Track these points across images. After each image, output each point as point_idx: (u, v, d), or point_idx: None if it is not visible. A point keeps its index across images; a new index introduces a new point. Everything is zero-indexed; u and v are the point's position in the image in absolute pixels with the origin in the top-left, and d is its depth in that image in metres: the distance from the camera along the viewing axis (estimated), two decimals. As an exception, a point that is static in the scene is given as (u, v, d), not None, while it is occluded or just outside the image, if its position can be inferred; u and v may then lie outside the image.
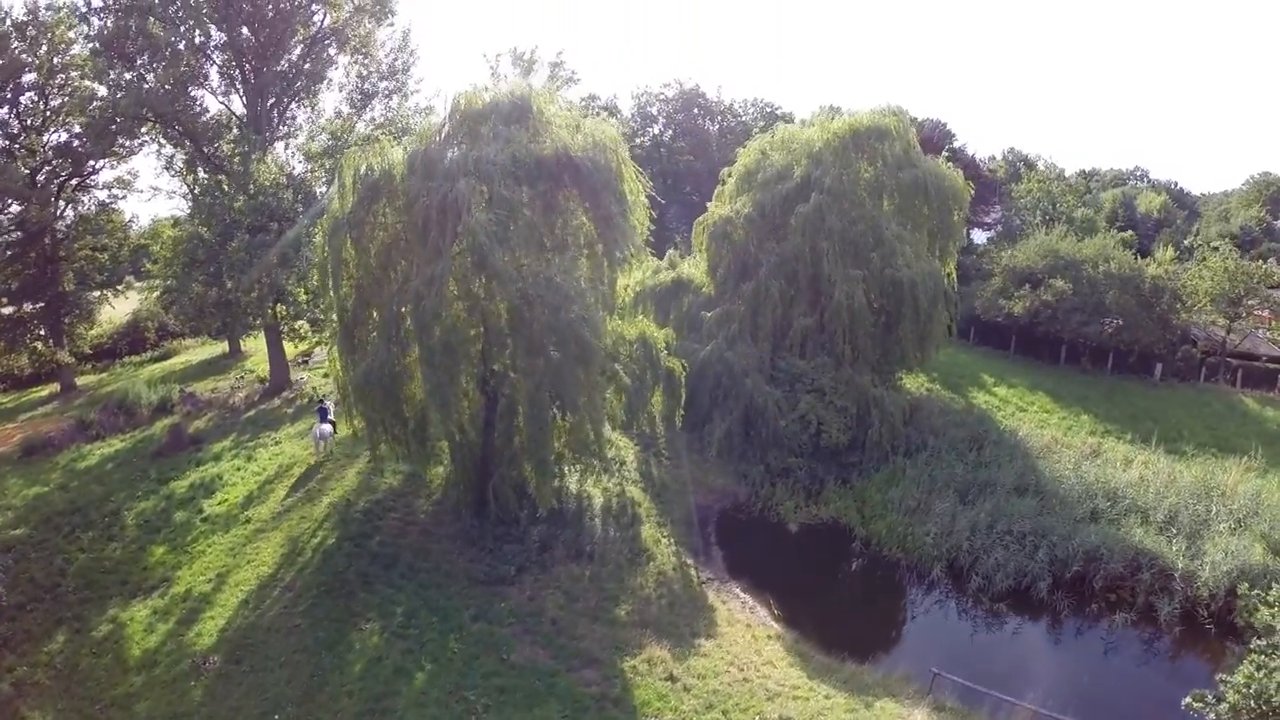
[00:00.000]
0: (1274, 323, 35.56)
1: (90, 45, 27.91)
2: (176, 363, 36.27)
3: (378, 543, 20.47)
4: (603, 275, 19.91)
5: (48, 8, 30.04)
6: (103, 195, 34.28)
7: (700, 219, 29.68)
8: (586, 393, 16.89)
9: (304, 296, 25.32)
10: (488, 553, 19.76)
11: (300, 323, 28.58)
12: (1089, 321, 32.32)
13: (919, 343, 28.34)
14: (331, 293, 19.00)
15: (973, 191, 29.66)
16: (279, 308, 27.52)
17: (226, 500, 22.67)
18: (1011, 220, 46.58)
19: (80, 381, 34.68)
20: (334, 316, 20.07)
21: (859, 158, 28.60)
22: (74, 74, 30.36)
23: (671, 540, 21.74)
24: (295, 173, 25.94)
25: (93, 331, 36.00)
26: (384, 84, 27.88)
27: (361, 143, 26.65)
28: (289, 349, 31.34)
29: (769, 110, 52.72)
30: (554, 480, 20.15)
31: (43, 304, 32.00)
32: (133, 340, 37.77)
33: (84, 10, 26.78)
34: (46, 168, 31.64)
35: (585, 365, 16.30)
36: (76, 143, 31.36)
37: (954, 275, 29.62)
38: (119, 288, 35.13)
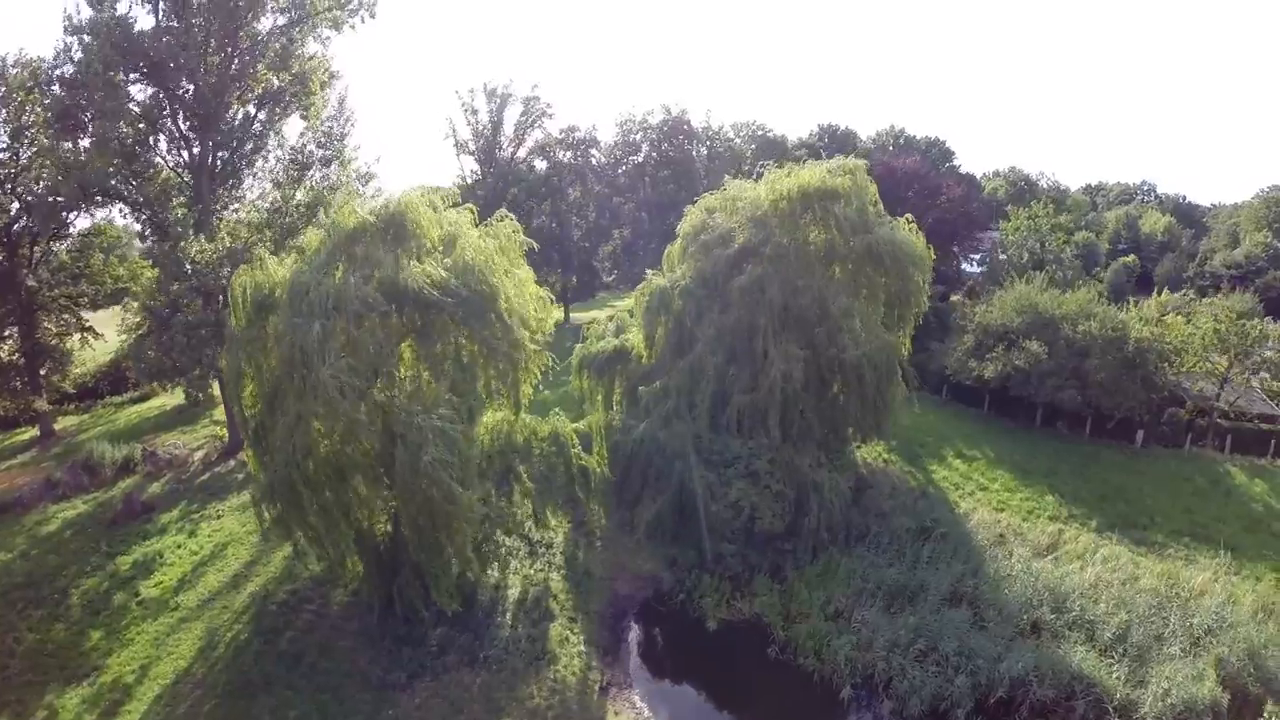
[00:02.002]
0: (1270, 381, 32.89)
1: (46, 114, 28.37)
2: (153, 405, 37.40)
3: (288, 639, 20.85)
4: (503, 381, 19.62)
5: (14, 64, 30.73)
6: (78, 243, 35.20)
7: (640, 287, 28.84)
8: (460, 528, 16.63)
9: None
10: (386, 654, 19.95)
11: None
12: (1064, 386, 30.40)
13: (872, 416, 27.12)
14: (234, 404, 19.08)
15: (927, 258, 27.68)
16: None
17: (161, 583, 23.38)
18: (997, 260, 44.03)
19: (62, 423, 36.05)
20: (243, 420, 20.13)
21: (808, 221, 27.18)
22: (39, 130, 31.07)
23: (581, 638, 21.53)
24: (236, 246, 26.03)
25: (77, 370, 37.25)
26: (321, 152, 27.70)
27: (304, 209, 26.66)
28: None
29: (760, 133, 50.87)
30: (454, 580, 20.10)
31: (20, 355, 33.18)
32: (114, 380, 39.01)
33: (31, 84, 27.21)
34: (19, 223, 32.54)
35: (453, 502, 16.01)
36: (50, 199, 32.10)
37: (909, 347, 28.19)
38: (98, 333, 36.10)
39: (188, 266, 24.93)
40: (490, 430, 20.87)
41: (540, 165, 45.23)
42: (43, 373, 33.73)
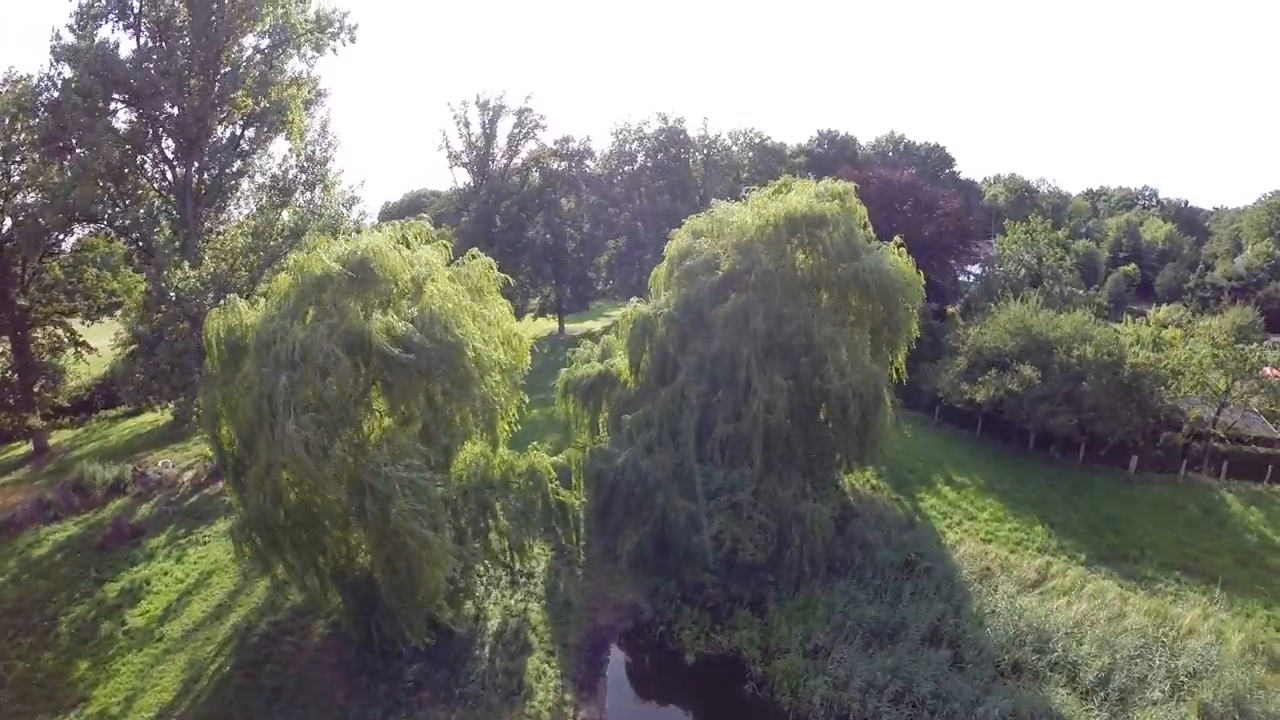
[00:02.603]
0: (1267, 403, 32.31)
1: (33, 136, 28.43)
2: (146, 421, 37.63)
3: (268, 672, 20.99)
4: (479, 417, 19.56)
5: (3, 83, 30.75)
6: (71, 259, 35.35)
7: (624, 312, 28.58)
8: (433, 574, 16.64)
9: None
10: (362, 690, 20.06)
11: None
12: (1056, 412, 29.95)
13: (858, 447, 26.92)
14: (213, 444, 19.15)
15: (917, 283, 27.29)
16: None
17: (148, 612, 23.55)
18: (993, 276, 43.34)
19: (56, 438, 36.39)
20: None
21: (795, 247, 26.84)
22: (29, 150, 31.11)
23: (558, 671, 21.56)
24: (221, 270, 26.05)
25: (71, 383, 37.51)
26: (302, 176, 27.60)
27: (288, 232, 26.65)
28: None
29: (758, 141, 50.27)
30: (427, 620, 20.17)
31: (13, 371, 33.46)
32: (108, 394, 39.24)
33: (15, 110, 27.25)
34: (9, 241, 32.70)
35: (426, 549, 16.01)
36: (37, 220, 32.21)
37: (903, 371, 27.91)
38: (91, 347, 36.36)
39: (171, 294, 24.95)
40: (468, 466, 20.83)
41: (534, 176, 44.97)
42: (36, 389, 34.00)
